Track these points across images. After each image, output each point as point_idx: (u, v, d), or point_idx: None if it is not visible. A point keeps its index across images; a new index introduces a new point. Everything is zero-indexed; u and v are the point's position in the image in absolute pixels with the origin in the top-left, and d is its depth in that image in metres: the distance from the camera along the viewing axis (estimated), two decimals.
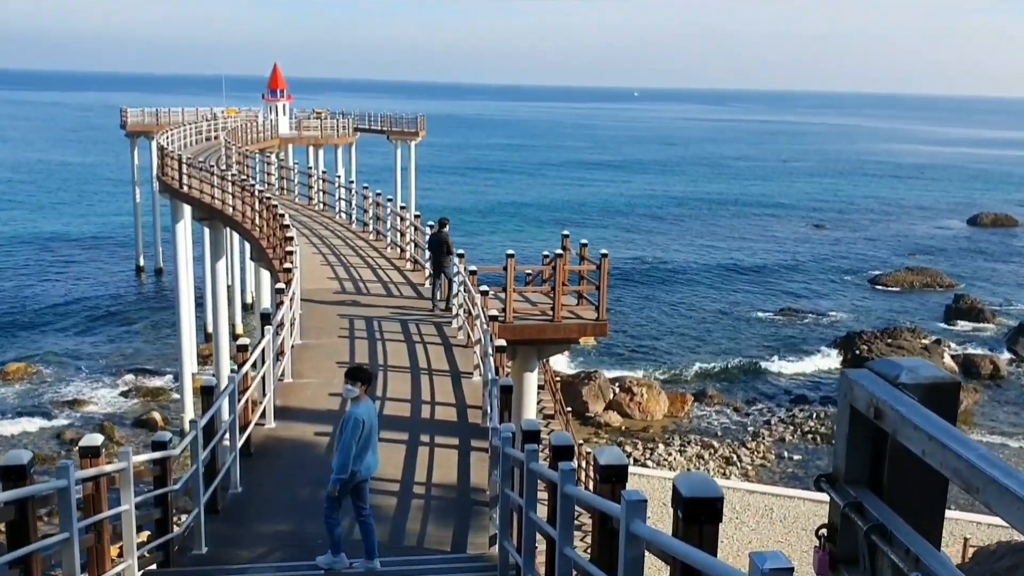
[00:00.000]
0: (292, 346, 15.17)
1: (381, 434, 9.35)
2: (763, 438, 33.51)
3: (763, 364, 42.20)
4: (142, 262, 56.00)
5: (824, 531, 2.46)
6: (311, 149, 56.66)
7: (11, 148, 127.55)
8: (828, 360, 42.25)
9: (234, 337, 38.45)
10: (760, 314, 50.29)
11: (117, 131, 61.75)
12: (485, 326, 13.75)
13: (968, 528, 21.07)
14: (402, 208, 27.73)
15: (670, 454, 31.51)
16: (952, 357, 40.94)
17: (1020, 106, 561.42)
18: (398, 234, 25.76)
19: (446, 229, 19.11)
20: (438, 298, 18.73)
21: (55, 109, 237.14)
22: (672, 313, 50.14)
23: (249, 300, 45.69)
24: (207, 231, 31.63)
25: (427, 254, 19.84)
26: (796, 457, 31.87)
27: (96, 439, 7.55)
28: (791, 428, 34.54)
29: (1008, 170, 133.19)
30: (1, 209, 76.63)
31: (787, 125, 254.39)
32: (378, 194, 28.34)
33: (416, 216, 25.05)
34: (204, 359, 38.11)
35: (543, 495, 7.10)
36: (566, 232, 20.87)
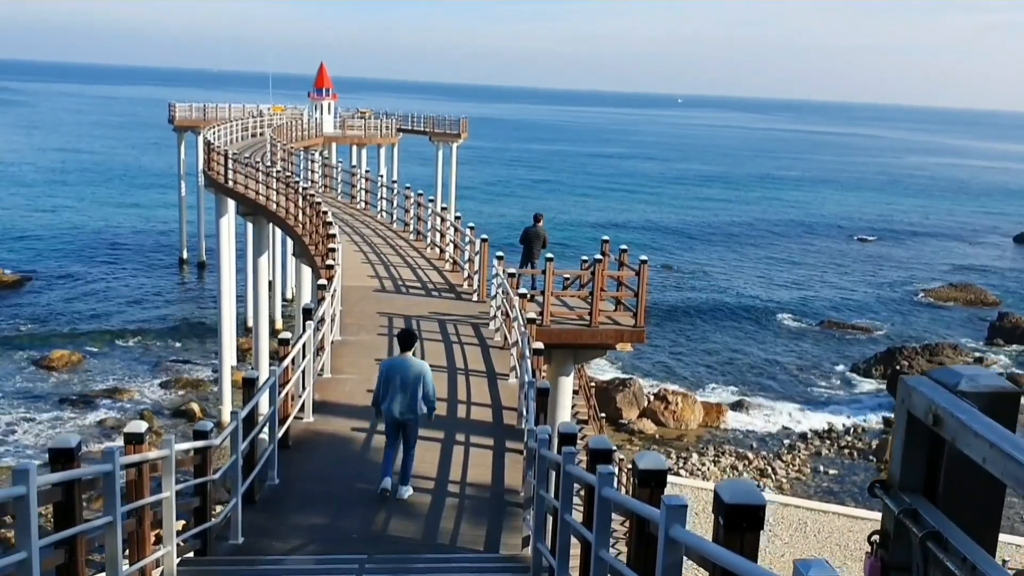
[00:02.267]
0: (332, 342, 15.32)
1: (421, 431, 10.80)
2: (799, 451, 33.15)
3: (801, 376, 41.77)
4: (185, 255, 56.83)
5: (876, 537, 2.44)
6: (354, 148, 57.16)
7: (63, 139, 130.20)
8: (867, 374, 41.69)
9: (273, 332, 38.91)
10: (799, 326, 49.77)
11: (165, 125, 62.74)
12: (523, 328, 13.77)
13: (1006, 550, 20.69)
14: (443, 209, 27.86)
15: (704, 464, 31.28)
16: None
17: None
18: (438, 235, 25.88)
19: (541, 223, 20.34)
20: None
21: (107, 102, 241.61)
22: (710, 322, 49.79)
23: (290, 296, 46.18)
24: (250, 226, 32.00)
25: (521, 246, 20.92)
26: (832, 471, 31.48)
27: (141, 426, 7.70)
28: (827, 442, 34.14)
29: None
30: (51, 199, 78.22)
31: (833, 136, 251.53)
32: (419, 194, 28.51)
33: (457, 217, 25.15)
34: (243, 353, 38.56)
35: (578, 498, 7.11)
36: (606, 238, 20.82)
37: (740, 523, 3.37)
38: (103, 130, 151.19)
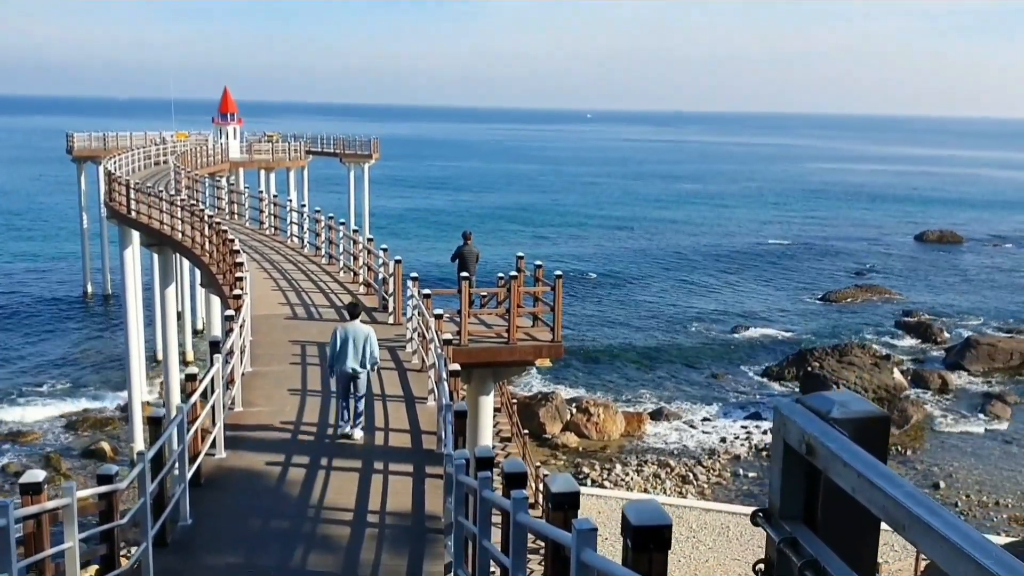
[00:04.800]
0: (243, 374, 14.94)
1: (334, 461, 11.75)
2: (718, 456, 33.76)
3: (717, 382, 42.60)
4: (90, 289, 54.95)
5: (761, 566, 2.46)
6: (262, 173, 56.19)
7: None
8: (780, 377, 42.75)
9: (184, 363, 37.84)
10: (713, 332, 50.78)
11: (63, 156, 60.67)
12: (439, 350, 13.67)
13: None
14: (355, 231, 27.56)
15: (627, 474, 31.57)
16: (901, 372, 41.66)
17: (961, 126, 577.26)
18: (351, 258, 25.58)
19: (471, 240, 20.91)
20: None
21: (0, 133, 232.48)
22: (627, 332, 50.41)
23: (200, 326, 45.05)
24: (156, 257, 31.17)
25: (455, 263, 21.23)
26: (751, 474, 32.13)
27: (38, 475, 7.35)
28: (746, 445, 34.85)
29: (951, 188, 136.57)
30: None
31: (736, 147, 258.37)
32: (330, 217, 28.15)
33: (369, 239, 24.91)
34: (154, 385, 37.43)
35: (497, 521, 7.05)
36: (520, 254, 20.91)
37: (647, 544, 3.37)
38: None
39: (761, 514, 2.41)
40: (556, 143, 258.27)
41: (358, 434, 12.73)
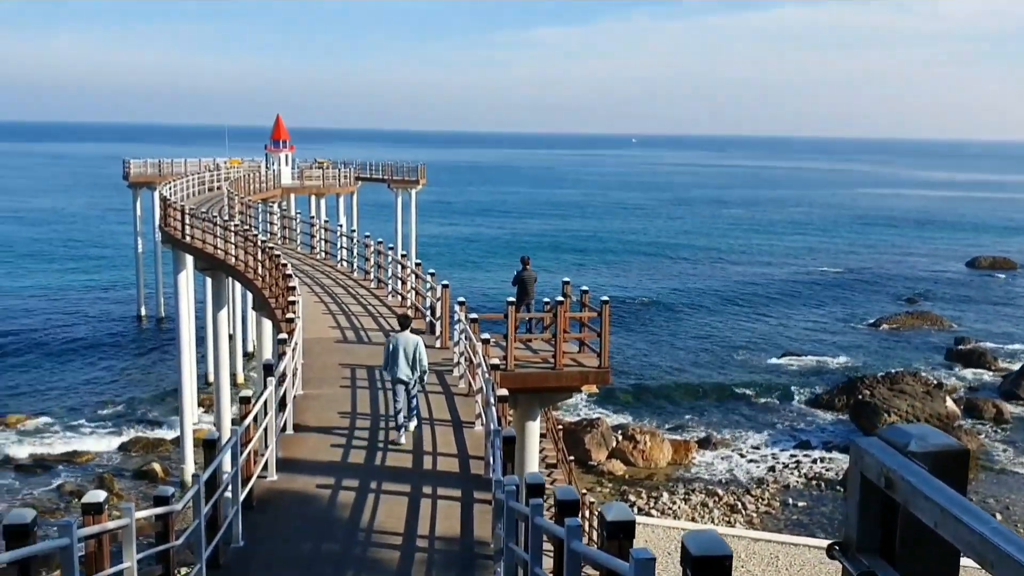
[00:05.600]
0: (294, 397, 15.13)
1: (384, 484, 11.99)
2: (767, 484, 33.26)
3: (766, 410, 42.05)
4: (143, 311, 56.06)
5: None
6: (313, 198, 57.08)
7: (15, 199, 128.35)
8: (830, 405, 42.08)
9: (235, 386, 38.37)
10: (763, 359, 50.20)
11: (120, 182, 62.22)
12: (487, 375, 13.72)
13: None
14: (403, 256, 27.83)
15: (674, 503, 31.25)
16: (954, 400, 40.78)
17: (1012, 150, 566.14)
18: (399, 282, 25.82)
19: (530, 266, 21.06)
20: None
21: (58, 160, 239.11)
22: (674, 359, 50.05)
23: (251, 349, 45.67)
24: (209, 281, 31.73)
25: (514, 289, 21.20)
26: (801, 503, 31.60)
27: (99, 495, 7.52)
28: (795, 473, 34.31)
29: (1003, 213, 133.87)
30: (4, 259, 76.90)
31: (782, 171, 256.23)
32: (379, 242, 28.47)
33: (417, 264, 25.16)
34: (205, 408, 37.99)
35: (548, 549, 7.05)
36: (566, 279, 20.93)
37: (707, 574, 3.37)
38: (55, 189, 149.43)
39: (837, 547, 2.41)
40: (601, 168, 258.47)
41: (412, 424, 14.30)
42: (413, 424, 14.31)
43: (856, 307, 64.35)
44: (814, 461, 35.52)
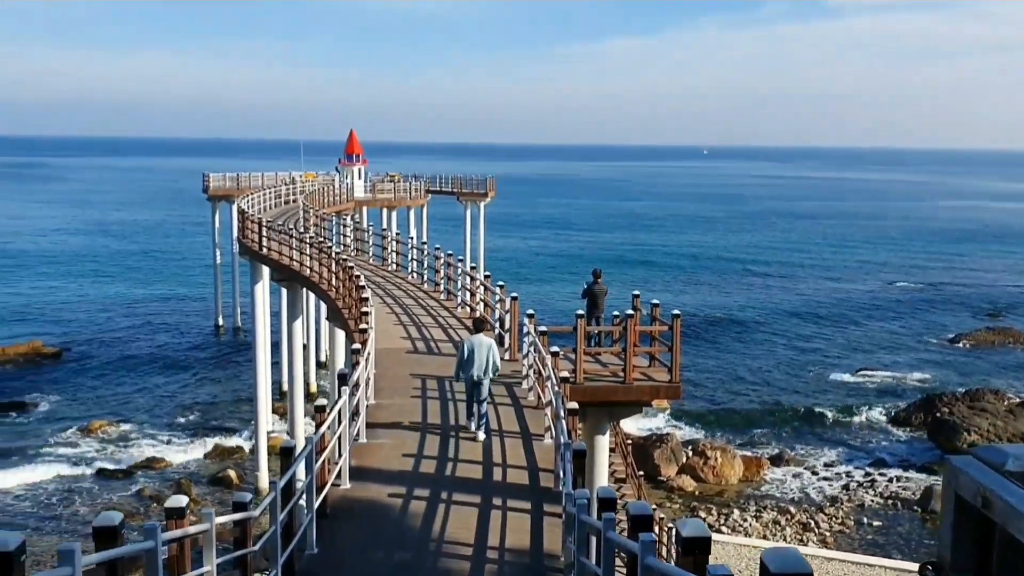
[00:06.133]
0: (367, 406, 15.34)
1: (454, 495, 12.10)
2: (841, 503, 32.51)
3: (841, 426, 41.13)
4: (221, 322, 57.48)
5: None
6: (384, 211, 57.88)
7: (98, 212, 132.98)
8: (907, 422, 40.97)
9: (308, 395, 39.03)
10: (836, 375, 49.15)
11: (199, 195, 64.00)
12: (556, 388, 13.72)
13: None
14: (472, 268, 28.02)
15: (745, 520, 30.75)
16: None
17: None
18: (468, 294, 25.99)
19: (601, 279, 20.95)
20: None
21: (140, 174, 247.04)
22: (746, 374, 49.31)
23: (323, 358, 46.42)
24: (284, 292, 32.39)
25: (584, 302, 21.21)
26: (877, 523, 30.80)
27: (181, 500, 7.75)
28: (871, 492, 33.46)
29: None
30: (88, 271, 79.69)
31: (855, 183, 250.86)
32: (449, 254, 28.72)
33: (486, 276, 25.28)
34: (279, 416, 38.74)
35: (619, 564, 7.02)
36: (636, 292, 20.81)
37: None
38: (137, 201, 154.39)
39: (930, 567, 2.38)
40: (671, 179, 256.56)
41: (481, 435, 14.55)
42: (483, 435, 14.70)
43: (934, 322, 62.58)
44: (890, 480, 34.60)
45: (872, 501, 32.72)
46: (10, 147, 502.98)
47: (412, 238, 41.55)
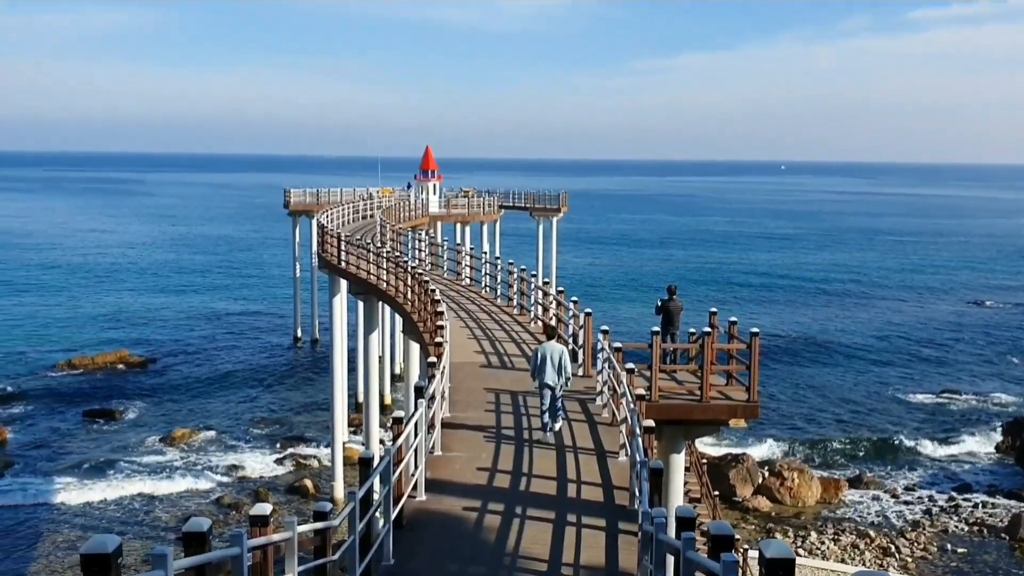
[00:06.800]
0: (442, 419, 15.49)
1: (528, 510, 12.12)
2: (924, 528, 31.50)
3: (923, 449, 39.87)
4: (299, 333, 58.65)
5: None
6: (458, 226, 58.42)
7: (184, 227, 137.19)
8: (993, 446, 39.52)
9: (383, 407, 39.53)
10: (919, 395, 47.72)
11: (280, 210, 65.54)
12: (632, 405, 13.66)
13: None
14: (545, 283, 28.08)
15: (823, 542, 30.03)
16: None
17: None
18: (541, 309, 26.05)
19: (676, 295, 20.80)
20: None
21: (224, 190, 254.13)
22: (824, 394, 48.23)
23: (398, 371, 46.99)
24: (361, 305, 32.90)
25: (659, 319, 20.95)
26: (961, 550, 29.75)
27: (265, 508, 7.94)
28: (955, 518, 32.34)
29: None
30: (173, 283, 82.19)
31: (939, 199, 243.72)
32: (522, 269, 28.85)
33: (559, 291, 25.31)
34: (354, 428, 39.30)
35: None
36: (713, 309, 20.59)
37: None
38: (220, 216, 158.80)
39: None
40: (747, 195, 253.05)
41: (557, 425, 15.76)
42: (558, 424, 15.72)
43: (1019, 340, 60.31)
44: (975, 505, 33.41)
45: (956, 527, 31.62)
46: (102, 163, 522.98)
47: (485, 253, 41.85)
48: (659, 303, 20.96)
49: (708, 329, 18.35)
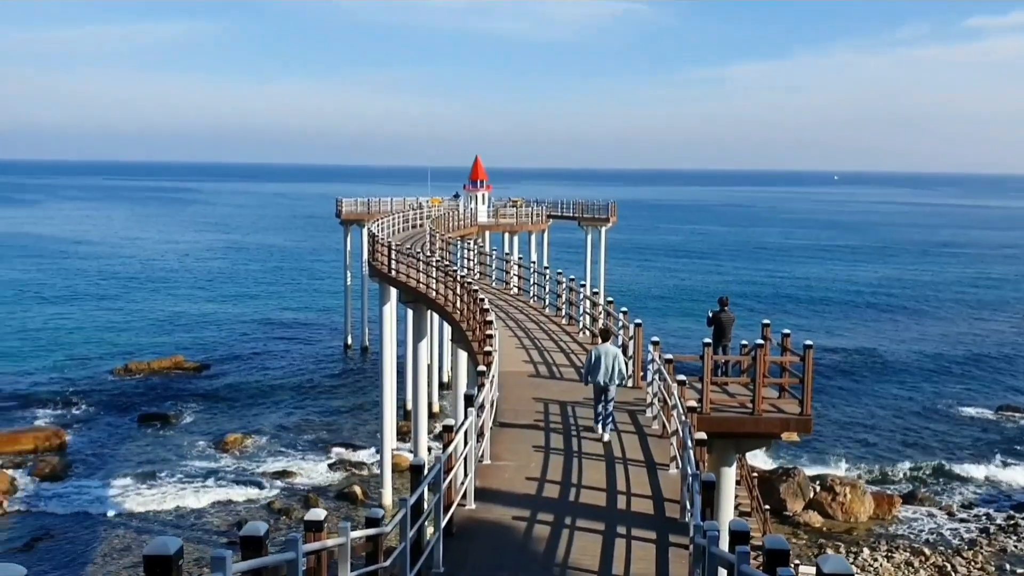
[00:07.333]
0: (490, 428, 15.54)
1: (578, 520, 12.14)
2: (981, 547, 30.71)
3: (979, 466, 38.89)
4: (350, 340, 59.25)
5: None
6: (506, 235, 58.57)
7: (238, 235, 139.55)
8: None
9: (431, 415, 39.72)
10: (976, 411, 46.62)
11: (332, 219, 66.33)
12: (683, 417, 13.57)
13: None
14: (594, 293, 28.02)
15: (876, 559, 29.44)
16: None
17: None
18: (590, 319, 25.99)
19: (728, 306, 20.75)
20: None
21: (277, 199, 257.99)
22: (877, 408, 47.36)
23: (446, 379, 47.20)
24: (411, 313, 33.15)
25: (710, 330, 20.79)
26: (1020, 570, 28.95)
27: (319, 514, 8.06)
28: (1013, 537, 31.49)
29: None
30: (228, 290, 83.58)
31: (998, 211, 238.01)
32: (571, 279, 28.82)
33: (608, 302, 25.24)
34: (402, 435, 39.54)
35: None
36: (766, 321, 20.35)
37: None
38: (274, 225, 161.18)
39: None
40: (799, 206, 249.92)
41: (606, 436, 15.83)
42: (607, 435, 15.85)
43: None
44: None
45: (1016, 547, 30.79)
46: (162, 173, 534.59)
47: (534, 262, 41.93)
48: (711, 314, 20.79)
49: (761, 341, 18.16)
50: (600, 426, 15.90)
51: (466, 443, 12.56)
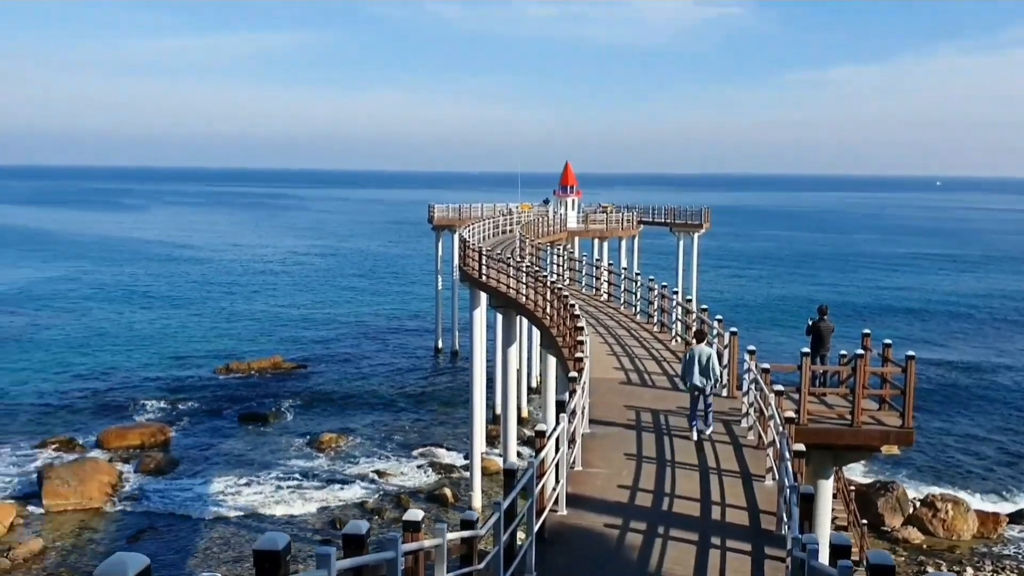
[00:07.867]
0: (582, 434, 15.53)
1: (671, 530, 12.03)
2: None
3: None
4: (440, 344, 59.95)
5: None
6: (596, 241, 58.39)
7: (335, 239, 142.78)
8: None
9: (520, 420, 39.85)
10: None
11: (425, 224, 67.31)
12: (781, 428, 13.32)
13: None
14: (687, 300, 27.71)
15: None
16: None
17: None
18: (684, 327, 25.71)
19: (827, 316, 20.54)
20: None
21: (372, 205, 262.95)
22: (982, 422, 45.48)
23: (535, 384, 47.31)
24: (500, 318, 33.36)
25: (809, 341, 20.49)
26: None
27: (417, 515, 8.20)
28: None
29: None
30: (324, 294, 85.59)
31: None
32: (663, 286, 28.55)
33: (703, 309, 24.92)
34: (491, 440, 39.79)
35: None
36: (867, 331, 19.81)
37: None
38: (368, 231, 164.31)
39: None
40: (900, 212, 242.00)
41: (708, 431, 16.34)
42: (710, 429, 16.31)
43: None
44: None
45: None
46: (262, 179, 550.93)
47: (624, 269, 41.67)
48: (810, 323, 20.40)
49: (861, 351, 17.69)
50: (699, 423, 16.19)
51: (558, 449, 12.59)
